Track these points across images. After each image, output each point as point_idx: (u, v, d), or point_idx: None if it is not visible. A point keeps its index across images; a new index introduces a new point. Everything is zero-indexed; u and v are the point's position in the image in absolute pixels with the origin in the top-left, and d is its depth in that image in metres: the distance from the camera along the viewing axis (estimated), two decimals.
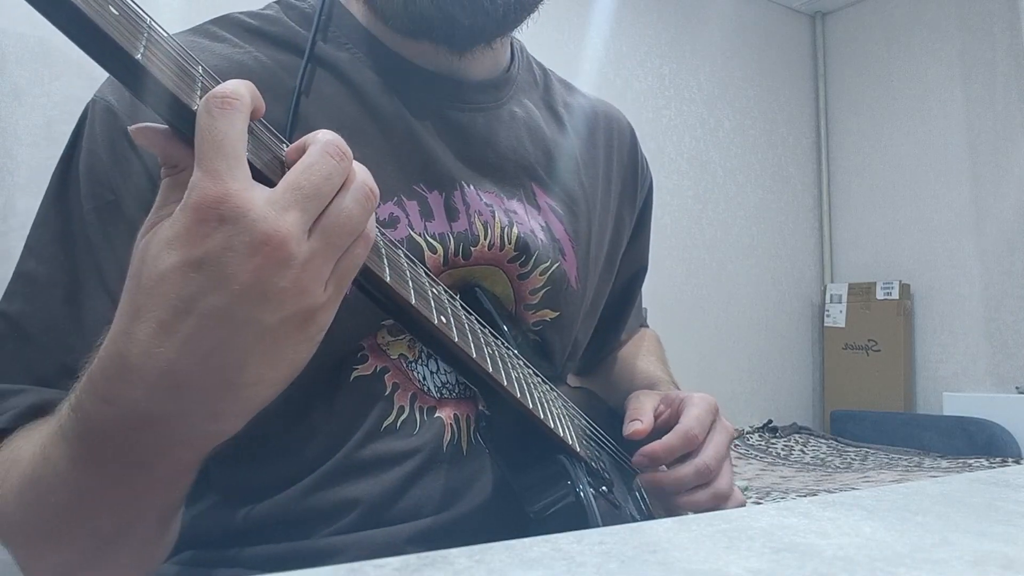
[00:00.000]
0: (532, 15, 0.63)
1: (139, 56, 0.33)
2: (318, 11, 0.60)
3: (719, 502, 0.61)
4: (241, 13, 0.62)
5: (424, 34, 0.60)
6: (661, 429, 0.62)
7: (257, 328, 0.34)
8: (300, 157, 0.37)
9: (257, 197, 0.34)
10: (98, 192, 0.53)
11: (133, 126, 0.36)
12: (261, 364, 0.36)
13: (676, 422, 0.62)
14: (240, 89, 0.35)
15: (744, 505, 0.65)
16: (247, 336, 0.35)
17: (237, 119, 0.34)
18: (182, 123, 0.35)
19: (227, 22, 0.61)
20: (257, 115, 0.37)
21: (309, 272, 0.35)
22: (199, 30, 0.60)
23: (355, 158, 0.59)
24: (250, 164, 0.35)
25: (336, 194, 0.37)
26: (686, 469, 0.60)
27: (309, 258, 0.35)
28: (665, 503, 0.61)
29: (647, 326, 0.94)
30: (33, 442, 0.45)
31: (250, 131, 0.36)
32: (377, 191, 0.39)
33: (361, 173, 0.38)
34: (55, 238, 0.53)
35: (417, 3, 0.57)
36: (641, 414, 0.64)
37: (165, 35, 0.35)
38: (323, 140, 0.37)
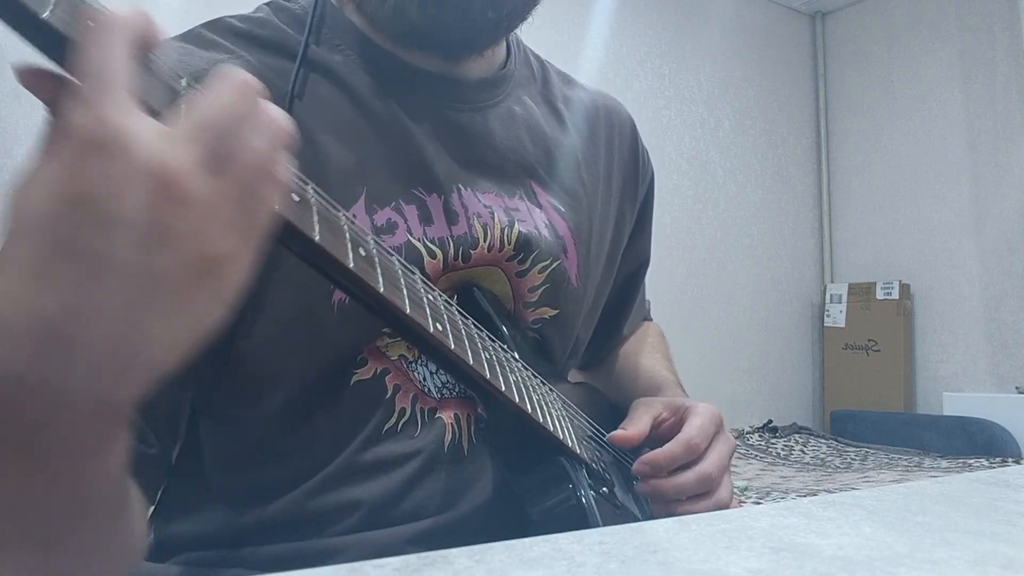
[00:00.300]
0: (526, 21, 0.63)
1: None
2: (311, 13, 0.60)
3: (719, 510, 0.61)
4: (231, 17, 0.61)
5: (414, 43, 0.60)
6: (664, 436, 0.62)
7: (148, 276, 0.30)
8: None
9: (147, 127, 0.30)
10: None
11: (20, 65, 0.31)
12: (156, 319, 0.31)
13: (679, 430, 0.62)
14: (121, 14, 0.31)
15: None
16: (138, 285, 0.30)
17: (117, 45, 0.30)
18: (54, 49, 0.31)
19: (217, 27, 0.60)
20: (150, 44, 0.33)
21: (208, 214, 0.31)
22: (189, 36, 0.59)
23: (351, 164, 0.58)
24: (145, 104, 0.32)
25: (243, 132, 0.33)
26: (688, 476, 0.60)
27: (207, 198, 0.30)
28: (666, 511, 0.61)
29: (651, 319, 0.94)
30: None
31: (145, 65, 0.33)
32: (289, 131, 0.34)
33: (273, 110, 0.34)
34: None
35: (407, 13, 0.56)
36: (632, 424, 0.63)
37: None
38: (231, 75, 0.33)
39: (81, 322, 0.30)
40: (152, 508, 0.56)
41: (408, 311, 0.43)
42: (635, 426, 0.63)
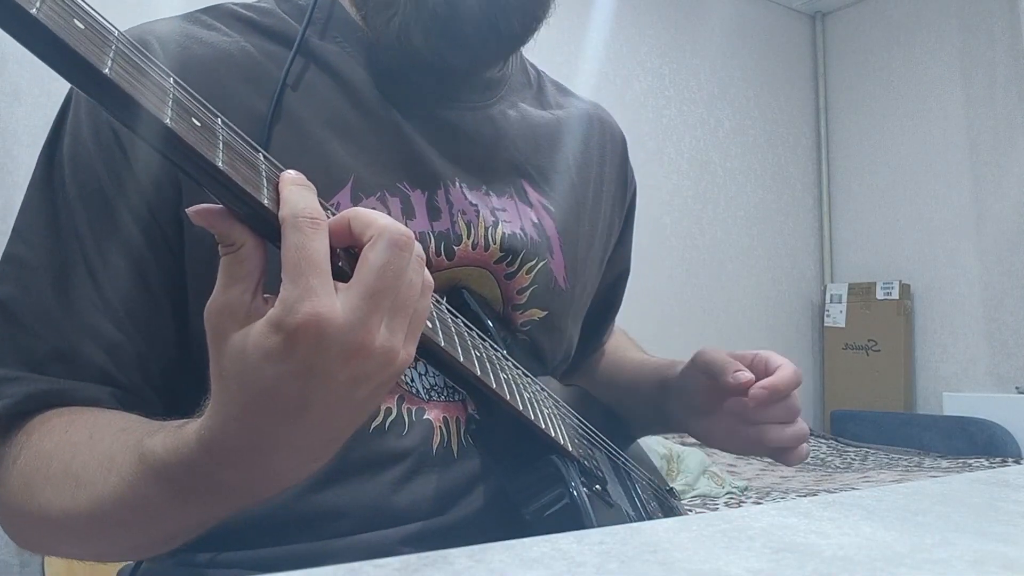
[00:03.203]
0: (531, 38, 0.63)
1: (167, 120, 0.33)
2: (311, 5, 0.60)
3: (801, 440, 0.67)
4: (235, 4, 0.62)
5: (415, 68, 0.61)
6: (757, 371, 0.66)
7: (354, 404, 0.40)
8: (346, 236, 0.39)
9: (341, 309, 0.37)
10: (83, 179, 0.53)
11: (192, 208, 0.37)
12: (354, 424, 0.42)
13: (763, 368, 0.66)
14: (318, 207, 0.38)
15: (807, 457, 0.70)
16: (348, 413, 0.40)
17: (323, 237, 0.37)
18: (250, 214, 0.37)
19: (219, 12, 0.61)
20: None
21: (390, 347, 0.39)
22: (189, 17, 0.60)
23: (340, 153, 0.58)
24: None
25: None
26: (781, 407, 0.66)
27: (388, 337, 0.39)
28: (758, 437, 0.66)
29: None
30: (83, 442, 0.46)
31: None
32: (424, 256, 0.42)
33: (416, 244, 0.40)
34: (42, 222, 0.53)
35: (412, 40, 0.57)
36: (738, 366, 0.66)
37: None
38: (388, 234, 0.39)
39: (311, 448, 0.41)
40: None
41: None
42: (740, 367, 0.66)
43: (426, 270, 0.42)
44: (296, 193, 0.38)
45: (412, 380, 0.58)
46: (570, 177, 0.70)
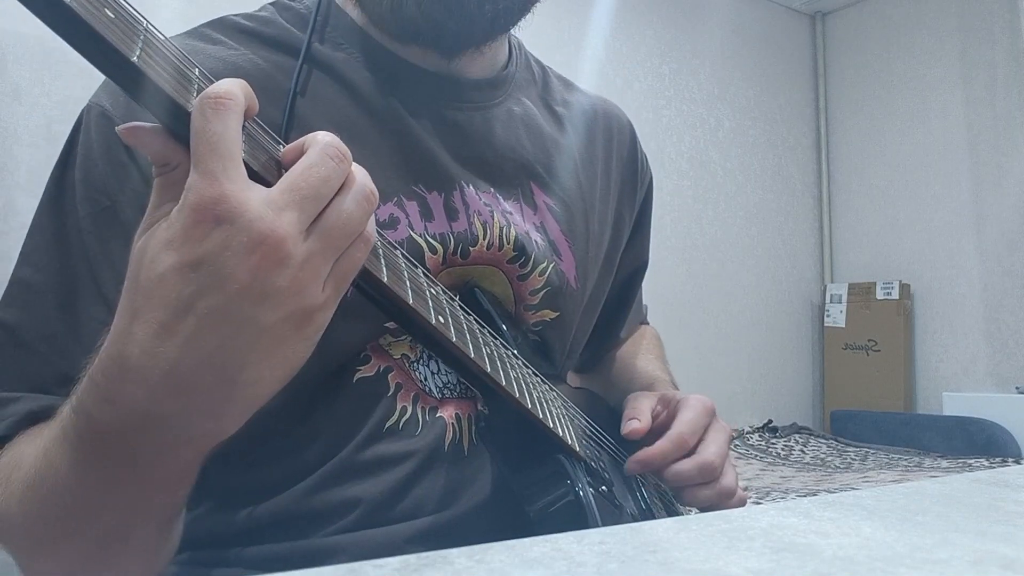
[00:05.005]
0: (525, 17, 0.63)
1: (135, 59, 0.33)
2: (314, 12, 0.60)
3: (724, 499, 0.61)
4: (236, 15, 0.62)
5: (412, 38, 0.60)
6: (657, 431, 0.63)
7: (256, 328, 0.35)
8: (298, 158, 0.37)
9: (254, 197, 0.34)
10: (94, 198, 0.53)
11: (123, 125, 0.36)
12: (260, 364, 0.36)
13: (670, 425, 0.62)
14: (233, 89, 0.35)
15: (744, 504, 0.65)
16: (247, 336, 0.35)
17: (231, 119, 0.34)
18: (177, 124, 0.35)
19: (222, 25, 0.61)
20: (251, 114, 0.37)
21: (307, 272, 0.35)
22: (194, 33, 0.60)
23: (353, 159, 0.59)
24: (246, 165, 0.35)
25: (335, 195, 0.37)
26: (686, 464, 0.60)
27: (307, 258, 0.35)
28: (677, 499, 0.62)
29: (647, 323, 0.94)
30: (35, 445, 0.45)
31: (245, 131, 0.36)
32: (376, 193, 0.39)
33: (360, 175, 0.39)
34: (51, 244, 0.53)
35: (404, 8, 0.57)
36: (639, 413, 0.64)
37: (162, 38, 0.35)
38: (322, 142, 0.37)
39: (198, 369, 0.35)
40: None
41: (411, 302, 0.44)
42: (644, 415, 0.63)
43: (372, 222, 0.39)
44: (219, 83, 0.35)
45: (425, 379, 0.58)
46: (577, 176, 0.70)
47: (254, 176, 0.36)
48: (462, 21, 0.58)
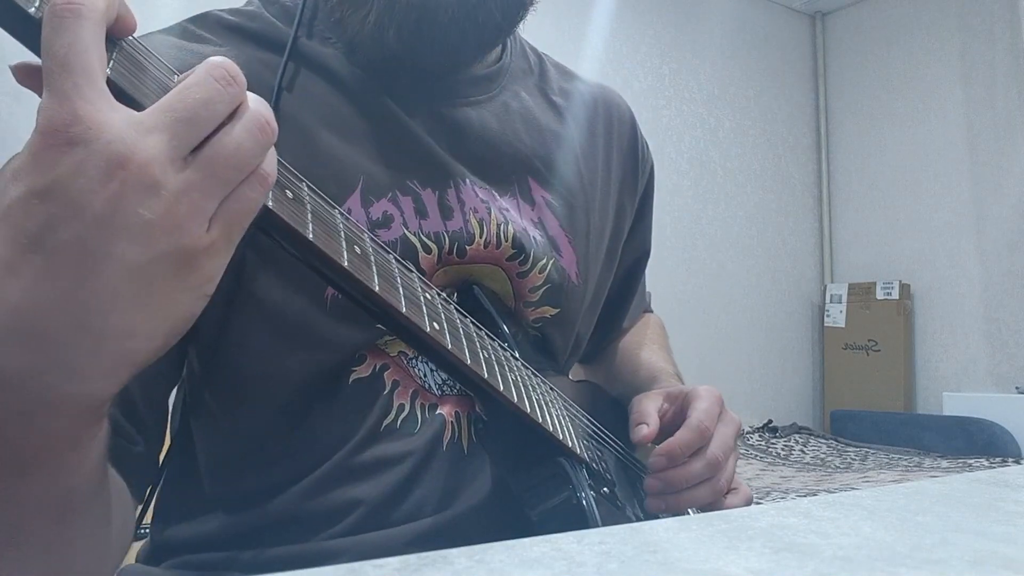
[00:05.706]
0: (516, 28, 0.62)
1: None
2: (300, 6, 0.59)
3: (718, 496, 0.61)
4: (221, 10, 0.60)
5: (395, 69, 0.59)
6: (668, 427, 0.62)
7: (120, 266, 0.30)
8: None
9: (116, 118, 0.29)
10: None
11: (15, 63, 0.32)
12: (131, 312, 0.30)
13: (683, 418, 0.61)
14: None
15: (751, 500, 0.65)
16: (108, 276, 0.30)
17: (84, 29, 0.29)
18: (35, 42, 0.30)
19: (206, 20, 0.59)
20: (128, 28, 0.33)
21: (184, 206, 0.30)
22: (176, 30, 0.58)
23: (346, 156, 0.57)
24: (117, 86, 0.31)
25: (224, 124, 0.32)
26: (696, 464, 0.59)
27: (183, 189, 0.30)
28: (669, 501, 0.61)
29: (651, 311, 0.93)
30: None
31: (121, 49, 0.32)
32: (274, 126, 0.34)
33: (256, 102, 0.33)
34: None
35: (385, 38, 0.55)
36: (646, 417, 0.63)
37: None
38: (209, 62, 0.32)
39: (49, 315, 0.29)
40: (147, 509, 0.55)
41: (403, 310, 0.43)
42: (652, 418, 0.62)
43: (272, 160, 0.34)
44: None
45: (425, 375, 0.58)
46: (577, 169, 0.69)
47: (127, 100, 0.31)
48: (444, 51, 0.57)
